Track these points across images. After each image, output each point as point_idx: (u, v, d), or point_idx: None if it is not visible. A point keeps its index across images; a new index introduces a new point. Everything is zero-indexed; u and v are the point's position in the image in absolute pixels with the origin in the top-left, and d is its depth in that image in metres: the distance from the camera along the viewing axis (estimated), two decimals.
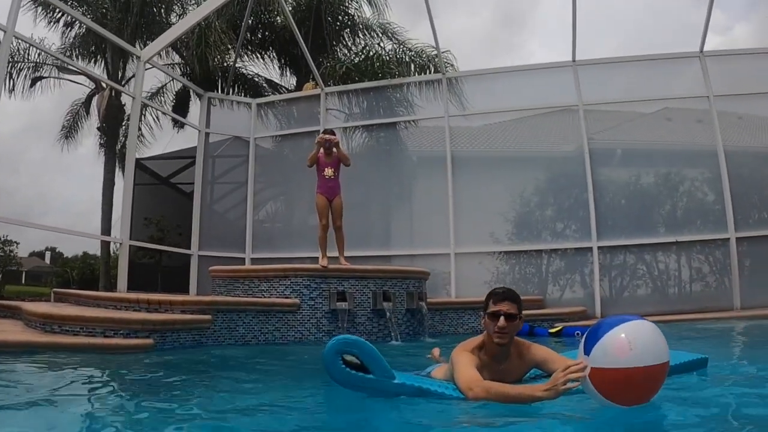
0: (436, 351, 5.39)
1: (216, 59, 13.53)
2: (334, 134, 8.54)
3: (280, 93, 15.93)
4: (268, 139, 13.14)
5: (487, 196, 11.48)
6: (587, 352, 2.82)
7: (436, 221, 11.41)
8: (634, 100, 11.09)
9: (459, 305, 9.47)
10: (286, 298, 7.77)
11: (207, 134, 12.67)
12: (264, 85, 16.35)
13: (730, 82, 10.56)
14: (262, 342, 7.34)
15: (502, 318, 3.37)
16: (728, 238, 10.13)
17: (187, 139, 16.56)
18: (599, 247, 10.57)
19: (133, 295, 7.17)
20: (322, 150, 8.48)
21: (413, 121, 12.40)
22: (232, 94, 13.53)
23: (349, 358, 3.18)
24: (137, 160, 12.17)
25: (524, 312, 9.95)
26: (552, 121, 11.67)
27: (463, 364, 3.27)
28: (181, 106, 15.74)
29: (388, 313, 7.85)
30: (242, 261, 12.09)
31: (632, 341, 2.74)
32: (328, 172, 8.37)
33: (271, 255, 12.07)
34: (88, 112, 17.67)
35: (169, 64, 15.21)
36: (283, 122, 13.22)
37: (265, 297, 7.87)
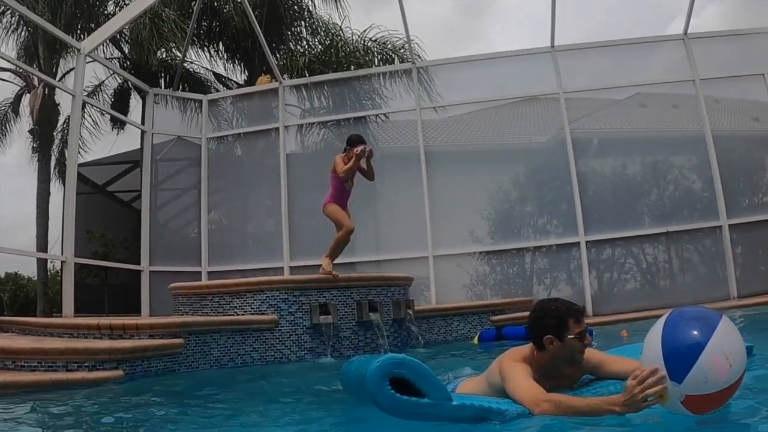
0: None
1: (165, 52, 13.10)
2: (365, 143, 8.00)
3: (231, 89, 15.55)
4: (219, 139, 12.75)
5: (464, 192, 11.41)
6: (677, 378, 2.61)
7: (411, 222, 11.27)
8: (615, 87, 11.21)
9: (447, 312, 9.35)
10: (263, 314, 7.51)
11: (152, 135, 12.21)
12: (211, 80, 15.94)
13: (712, 65, 10.73)
14: (240, 364, 7.10)
15: (588, 335, 3.32)
16: (720, 226, 10.29)
17: (124, 142, 16.06)
18: (587, 242, 10.55)
19: (93, 320, 6.79)
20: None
21: (383, 115, 12.23)
22: (178, 90, 13.08)
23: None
24: None
25: (515, 315, 9.83)
26: (531, 110, 11.68)
27: (522, 376, 3.17)
28: (120, 105, 15.22)
29: (376, 324, 7.67)
30: (198, 275, 11.72)
31: (729, 354, 2.58)
32: (350, 184, 8.02)
33: (229, 267, 11.74)
34: (17, 114, 16.87)
35: (107, 59, 14.67)
36: (236, 120, 12.88)
37: (239, 314, 7.58)
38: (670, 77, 10.98)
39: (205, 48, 15.60)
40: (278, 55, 14.86)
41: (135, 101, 15.09)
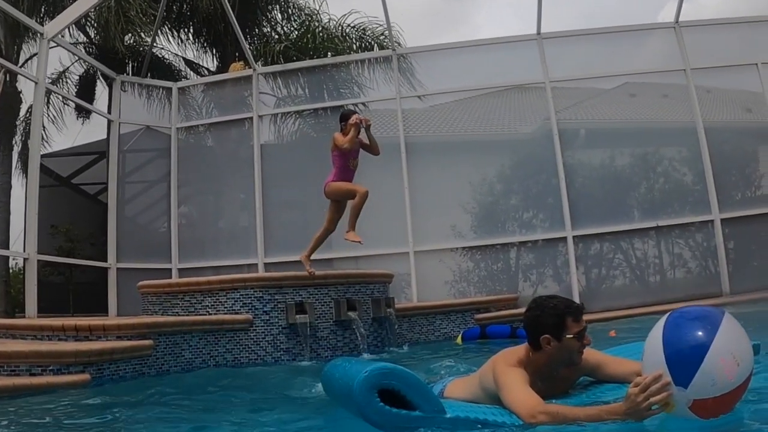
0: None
1: (132, 37, 12.93)
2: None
3: (202, 76, 15.42)
4: (189, 129, 12.64)
5: (446, 185, 11.39)
6: (683, 383, 2.56)
7: (391, 216, 11.22)
8: (604, 76, 11.28)
9: (429, 310, 9.35)
10: (236, 313, 7.48)
11: (119, 125, 12.08)
12: (182, 67, 15.80)
13: (704, 54, 10.80)
14: (212, 366, 7.05)
15: (587, 335, 3.28)
16: (712, 220, 10.36)
17: (90, 132, 15.86)
18: (574, 237, 10.59)
19: (57, 321, 6.71)
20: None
21: (362, 104, 12.19)
22: (146, 77, 12.95)
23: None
24: None
25: (500, 313, 9.87)
26: (516, 99, 11.70)
27: (517, 383, 3.09)
28: (86, 93, 15.02)
29: (355, 323, 7.66)
30: (168, 272, 11.62)
31: (736, 353, 2.54)
32: (355, 162, 7.88)
33: (200, 264, 11.69)
34: None
35: (72, 44, 14.47)
36: (208, 109, 12.77)
37: (211, 314, 7.54)
38: (661, 66, 11.03)
39: (175, 33, 15.42)
40: (252, 41, 14.73)
41: (101, 89, 14.88)
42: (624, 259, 10.98)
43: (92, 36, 14.76)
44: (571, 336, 3.20)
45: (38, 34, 10.46)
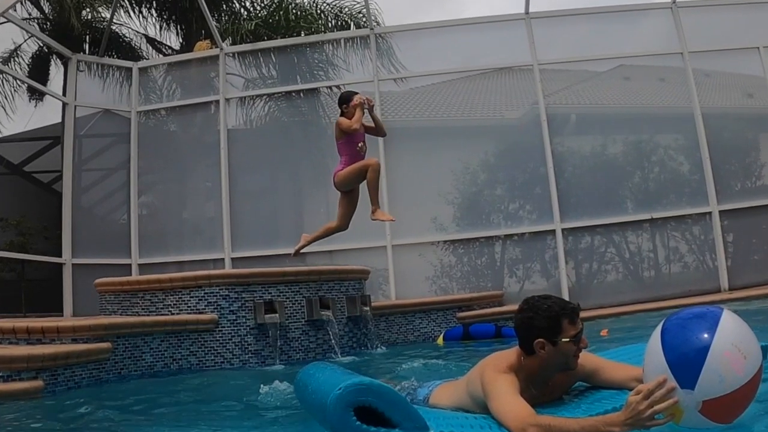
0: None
1: (90, 13, 12.82)
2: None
3: (165, 55, 15.33)
4: (151, 112, 12.59)
5: (426, 174, 11.42)
6: (689, 385, 2.56)
7: (367, 207, 11.18)
8: (596, 58, 11.33)
9: (408, 308, 9.40)
10: (201, 313, 7.49)
11: (75, 108, 12.00)
12: (143, 45, 15.71)
13: (703, 37, 10.88)
14: (175, 370, 7.07)
15: (584, 337, 3.23)
16: (710, 212, 10.47)
17: (43, 115, 15.72)
18: (563, 230, 10.66)
19: (7, 323, 6.69)
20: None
21: (337, 86, 12.17)
22: (105, 56, 12.86)
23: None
24: None
25: (485, 311, 9.95)
26: (502, 82, 11.74)
27: (507, 393, 3.02)
28: (39, 73, 14.88)
29: (329, 323, 7.72)
30: (127, 269, 11.58)
31: (741, 346, 2.56)
32: (363, 147, 7.47)
33: (163, 259, 11.66)
34: None
35: (24, 20, 14.34)
36: (171, 91, 12.72)
37: (174, 314, 7.55)
38: (657, 49, 11.13)
39: (136, 8, 15.33)
40: (219, 18, 14.65)
41: (56, 69, 14.78)
42: (616, 253, 11.07)
43: (46, 11, 14.62)
44: (567, 339, 3.15)
45: None
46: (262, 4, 15.08)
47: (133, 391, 5.90)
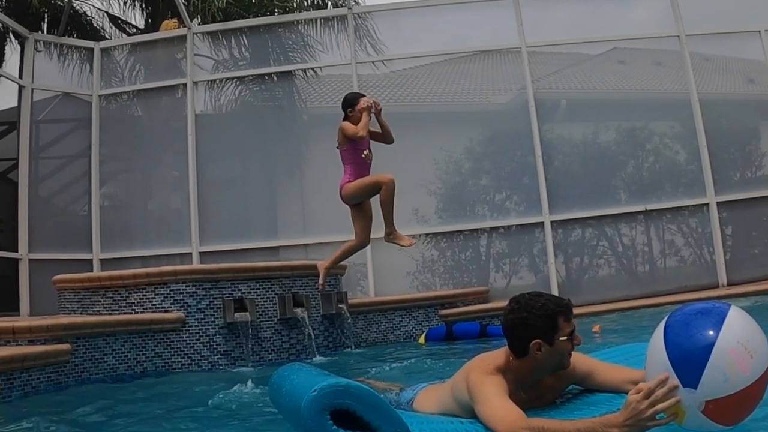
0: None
1: None
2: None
3: (129, 35, 15.25)
4: (114, 96, 12.53)
5: (407, 163, 11.37)
6: (691, 383, 2.53)
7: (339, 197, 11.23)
8: (588, 41, 11.38)
9: (388, 306, 9.43)
10: (167, 311, 7.49)
11: (32, 91, 11.94)
12: (105, 25, 15.61)
13: (701, 19, 10.93)
14: (139, 373, 7.07)
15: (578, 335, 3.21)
16: (707, 204, 10.56)
17: None
18: (552, 222, 10.72)
19: None
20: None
21: (313, 69, 12.18)
22: (65, 36, 12.78)
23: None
24: None
25: (469, 308, 9.99)
26: (488, 66, 11.77)
27: (495, 395, 2.98)
28: None
29: (303, 322, 7.74)
30: (89, 264, 11.53)
31: (747, 344, 2.53)
32: (369, 154, 7.09)
33: (126, 254, 11.63)
34: None
35: None
36: (136, 73, 12.68)
37: (138, 313, 7.54)
38: (653, 31, 11.19)
39: None
40: None
41: (11, 49, 14.68)
42: (609, 246, 11.15)
43: None
44: (565, 338, 3.13)
45: None
46: None
47: (93, 397, 5.87)
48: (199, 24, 13.04)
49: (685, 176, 10.93)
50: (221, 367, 7.38)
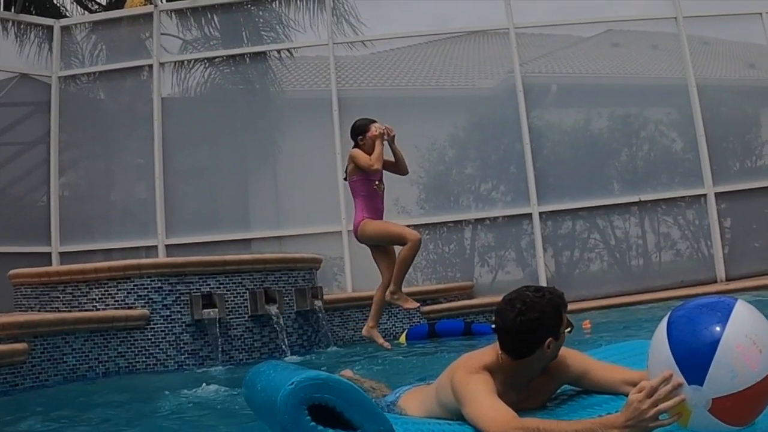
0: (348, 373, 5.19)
1: None
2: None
3: (92, 12, 15.16)
4: (74, 78, 12.46)
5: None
6: (697, 381, 2.50)
7: (320, 188, 11.26)
8: (580, 22, 11.41)
9: (366, 302, 9.38)
10: (130, 308, 7.46)
11: None
12: (66, 3, 15.52)
13: (699, 0, 10.94)
14: (101, 374, 7.06)
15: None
16: (705, 195, 10.61)
17: None
18: (541, 213, 10.75)
19: None
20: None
21: (287, 50, 12.15)
22: (21, 13, 12.70)
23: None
24: None
25: (453, 305, 10.00)
26: (474, 48, 11.78)
27: (483, 395, 2.92)
28: None
29: (275, 319, 7.73)
30: (47, 258, 11.47)
31: (756, 338, 2.51)
32: (381, 186, 6.89)
33: (87, 247, 11.52)
34: None
35: None
36: (98, 54, 12.61)
37: (99, 309, 7.50)
38: (649, 13, 11.22)
39: None
40: None
41: None
42: (601, 239, 11.20)
43: None
44: (568, 330, 3.13)
45: None
46: None
47: (50, 400, 5.87)
48: (166, 1, 12.98)
49: (681, 165, 10.98)
50: (189, 367, 7.37)
